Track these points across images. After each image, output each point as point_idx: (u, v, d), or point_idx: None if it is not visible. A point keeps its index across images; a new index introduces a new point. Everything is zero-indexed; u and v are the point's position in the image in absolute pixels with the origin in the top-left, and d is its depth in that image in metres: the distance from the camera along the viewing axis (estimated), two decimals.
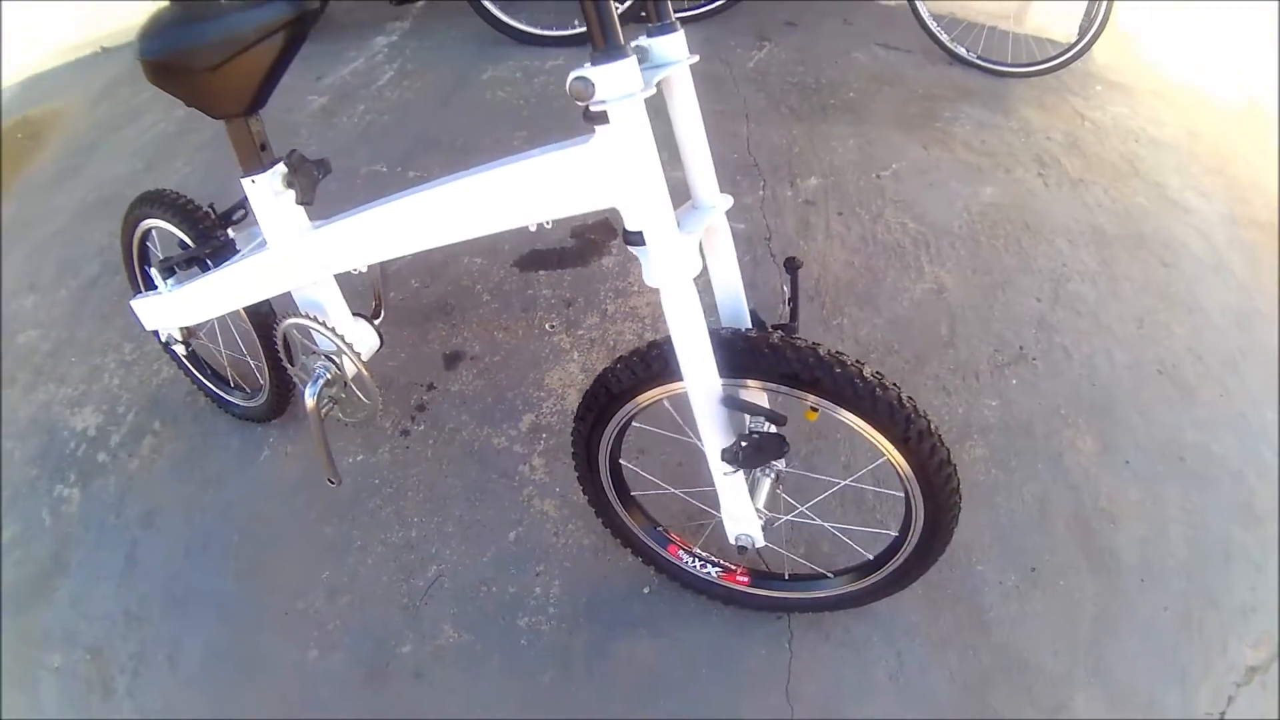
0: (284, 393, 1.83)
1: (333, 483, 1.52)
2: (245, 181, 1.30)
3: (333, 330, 1.39)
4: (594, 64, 0.81)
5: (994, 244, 2.01)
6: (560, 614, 1.45)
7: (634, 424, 1.20)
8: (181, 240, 1.62)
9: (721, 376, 1.00)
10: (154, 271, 1.64)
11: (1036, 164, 2.25)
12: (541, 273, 2.18)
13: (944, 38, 2.65)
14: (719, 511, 1.18)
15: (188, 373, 1.99)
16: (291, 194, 1.28)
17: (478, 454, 1.81)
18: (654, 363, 1.04)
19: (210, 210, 1.60)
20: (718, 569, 1.31)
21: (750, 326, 1.07)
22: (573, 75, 0.79)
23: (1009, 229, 2.06)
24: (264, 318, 1.62)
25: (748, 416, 1.05)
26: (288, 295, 1.45)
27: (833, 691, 1.25)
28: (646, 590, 1.43)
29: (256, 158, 1.27)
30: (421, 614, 1.53)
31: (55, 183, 2.96)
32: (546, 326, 2.07)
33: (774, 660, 1.29)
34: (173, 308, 1.64)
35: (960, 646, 1.30)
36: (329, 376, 1.42)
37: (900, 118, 2.42)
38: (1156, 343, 1.79)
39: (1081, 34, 2.44)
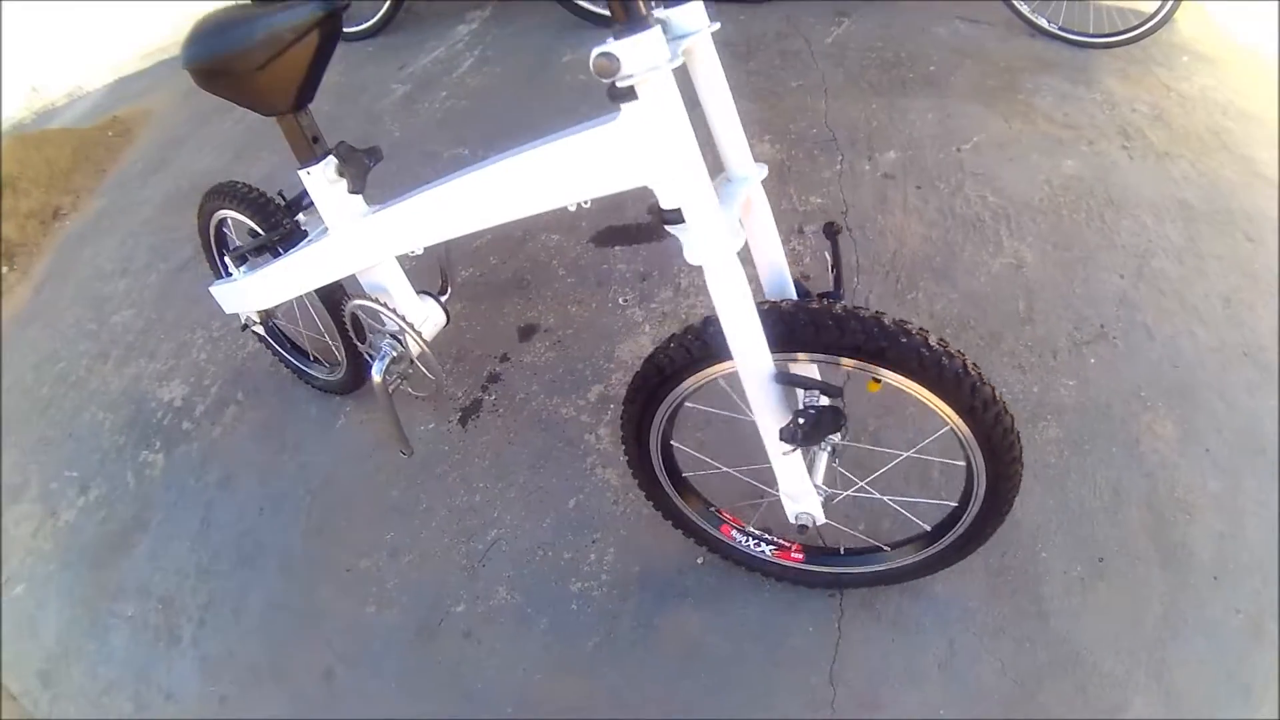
0: (360, 368, 1.95)
1: (405, 453, 1.65)
2: (302, 173, 1.41)
3: (394, 310, 1.51)
4: (617, 38, 0.81)
5: (1075, 218, 2.04)
6: (612, 581, 1.52)
7: (686, 404, 1.23)
8: (252, 229, 1.75)
9: (779, 351, 1.02)
10: (228, 259, 1.78)
11: (1120, 136, 2.29)
12: (618, 248, 2.28)
13: (1024, 9, 2.73)
14: (775, 489, 1.21)
15: (274, 351, 2.14)
16: (344, 183, 1.40)
17: (545, 423, 1.91)
18: (710, 341, 1.05)
19: (280, 198, 1.73)
20: (772, 546, 1.35)
21: (796, 298, 1.09)
22: (596, 51, 0.79)
23: (1091, 203, 2.09)
24: (335, 299, 1.73)
25: (802, 391, 1.08)
26: (356, 276, 1.57)
27: (878, 676, 1.26)
28: (700, 561, 1.50)
29: (309, 150, 1.40)
30: (478, 575, 1.63)
31: (145, 175, 3.23)
32: (620, 300, 2.15)
33: (821, 639, 1.31)
34: (247, 292, 1.77)
35: (1016, 637, 1.29)
36: (394, 354, 1.55)
37: (981, 90, 2.49)
38: (1242, 324, 1.77)
39: (1163, 2, 2.48)
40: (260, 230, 1.74)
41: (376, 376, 1.56)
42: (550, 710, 1.43)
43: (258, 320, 1.97)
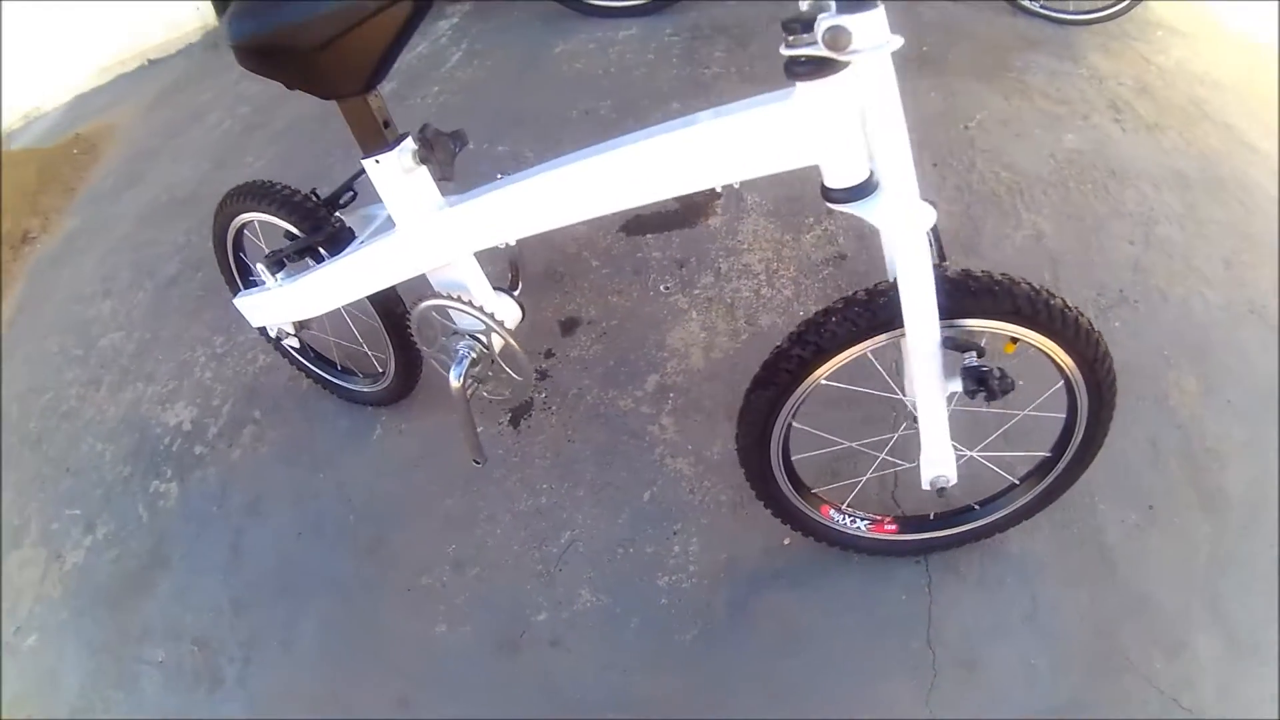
0: (410, 375, 1.82)
1: (478, 462, 1.54)
2: (367, 163, 1.27)
3: (480, 308, 1.39)
4: (846, 12, 0.80)
5: (1083, 190, 2.14)
6: (700, 571, 1.49)
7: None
8: (288, 231, 1.61)
9: (945, 318, 1.04)
10: (260, 266, 1.63)
11: (1111, 110, 2.41)
12: (649, 236, 2.21)
13: None
14: (898, 462, 1.25)
15: (300, 365, 2.00)
16: (421, 171, 1.28)
17: (604, 417, 1.83)
18: (878, 312, 1.05)
19: (314, 196, 1.59)
20: (867, 522, 1.36)
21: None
22: (827, 23, 0.79)
23: (1095, 175, 2.19)
24: (389, 303, 1.63)
25: (963, 356, 1.09)
26: (413, 277, 1.45)
27: (972, 634, 1.31)
28: (787, 541, 1.48)
29: (380, 136, 1.26)
30: (556, 581, 1.56)
31: (118, 191, 3.04)
32: (661, 288, 2.09)
33: (914, 605, 1.35)
34: (285, 302, 1.64)
35: (1089, 585, 1.36)
36: (474, 356, 1.44)
37: (977, 68, 2.58)
38: (1245, 284, 1.88)
39: None
40: (299, 232, 1.60)
41: (455, 381, 1.45)
42: (656, 709, 1.38)
43: (292, 332, 1.83)
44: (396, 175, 1.29)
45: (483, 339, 1.46)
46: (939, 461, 1.19)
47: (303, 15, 1.11)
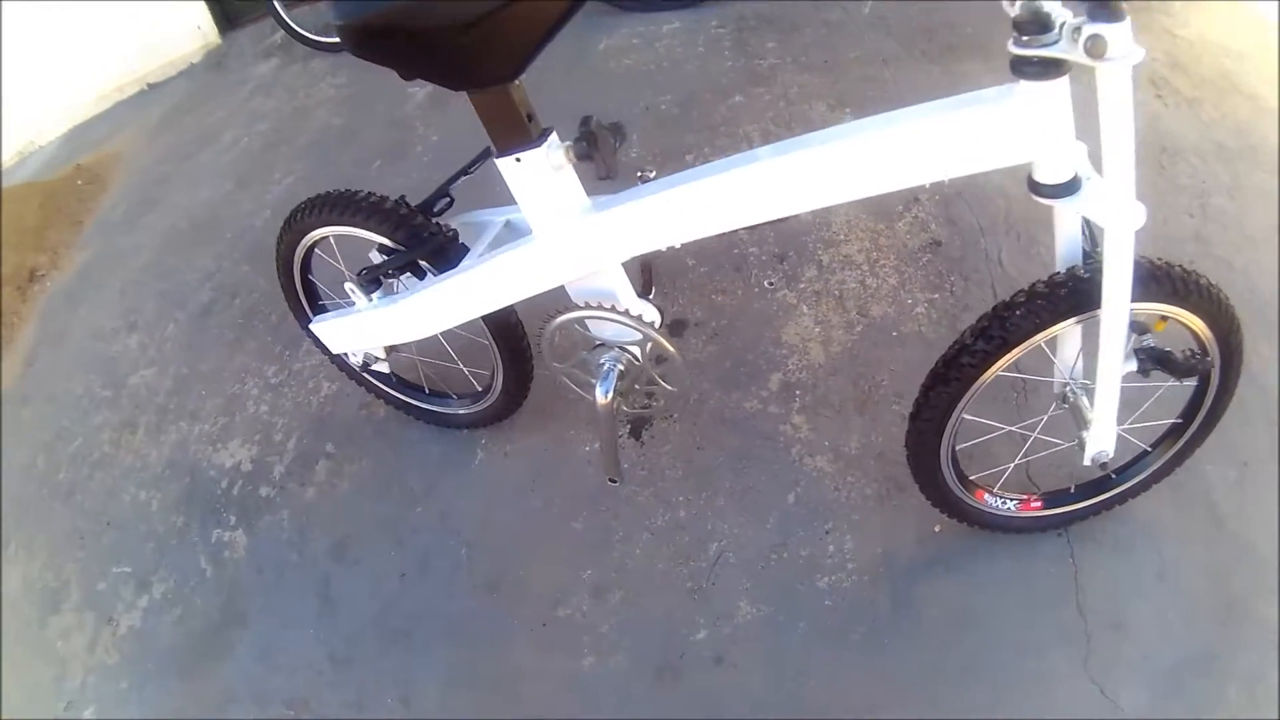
0: (519, 393, 1.67)
1: (614, 481, 1.43)
2: (505, 161, 1.13)
3: (638, 317, 1.26)
4: (1104, 21, 0.82)
5: (1141, 166, 2.17)
6: (859, 568, 1.45)
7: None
8: (382, 245, 1.44)
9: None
10: (350, 286, 1.47)
11: (1151, 85, 2.47)
12: (742, 232, 2.04)
13: None
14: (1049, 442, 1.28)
15: (379, 392, 1.82)
16: (567, 171, 1.14)
17: (731, 420, 1.70)
18: (1063, 302, 1.07)
19: (403, 203, 1.43)
20: (1015, 502, 1.38)
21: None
22: (1089, 31, 0.81)
23: (1148, 150, 2.20)
24: (503, 316, 1.48)
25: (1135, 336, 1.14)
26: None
27: (1115, 597, 1.35)
28: (937, 528, 1.46)
29: (524, 130, 1.11)
30: (710, 595, 1.47)
31: (131, 220, 2.83)
32: (765, 284, 1.95)
33: (1061, 576, 1.37)
34: (382, 325, 1.47)
35: (1203, 541, 1.40)
36: (622, 368, 1.32)
37: None
38: None
39: None
40: (395, 245, 1.42)
41: (604, 398, 1.30)
42: (837, 710, 1.33)
43: (383, 357, 1.64)
44: (541, 175, 1.14)
45: (633, 350, 1.32)
46: (1104, 438, 1.21)
47: None
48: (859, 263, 2.01)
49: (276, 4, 3.29)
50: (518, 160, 1.13)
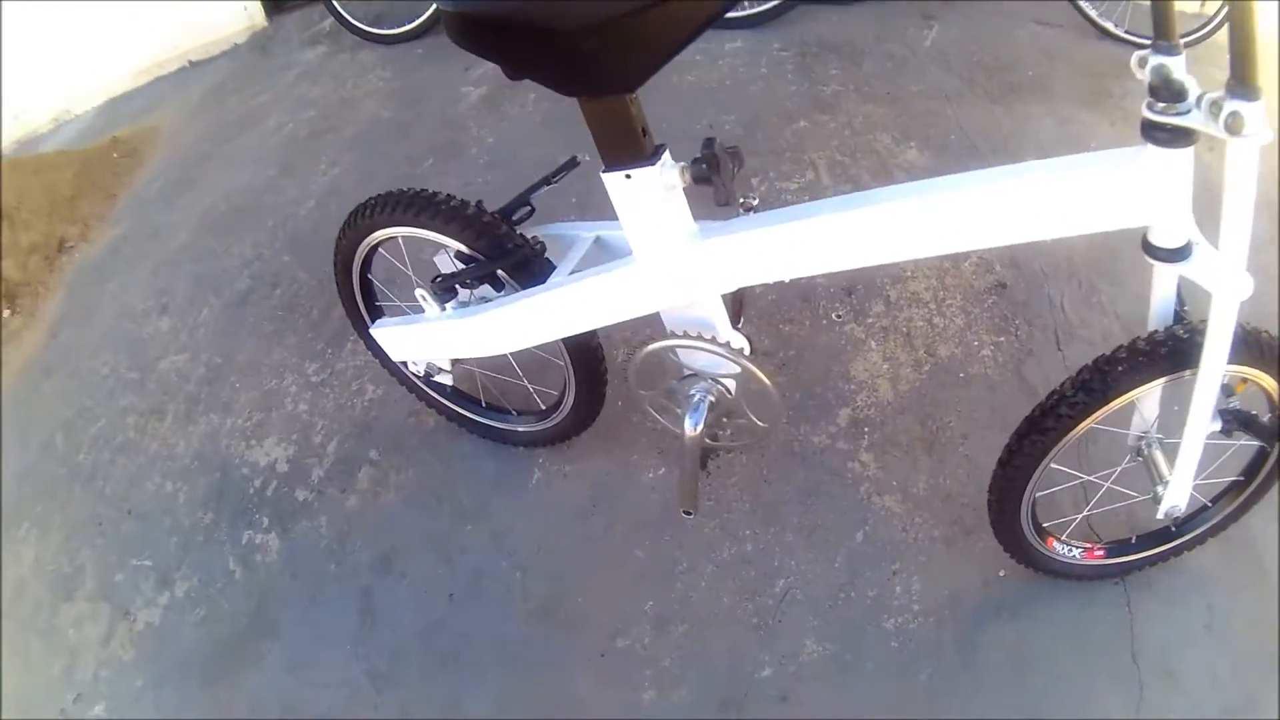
0: (589, 415, 1.61)
1: (689, 513, 1.38)
2: (613, 177, 1.06)
3: (739, 351, 1.22)
4: (1242, 99, 0.83)
5: (1199, 217, 2.17)
6: (925, 610, 1.44)
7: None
8: (460, 252, 1.37)
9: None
10: (422, 293, 1.40)
11: (1205, 138, 2.45)
12: None
13: (1093, 13, 2.92)
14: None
15: (432, 401, 1.76)
16: (678, 193, 1.09)
17: (799, 454, 1.66)
18: (1162, 360, 1.08)
19: (483, 209, 1.36)
20: (1080, 550, 1.41)
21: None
22: (1229, 108, 0.82)
23: (1203, 202, 2.20)
24: (584, 336, 1.42)
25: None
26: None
27: (1165, 646, 1.37)
28: (1002, 573, 1.46)
29: (638, 145, 1.04)
30: (776, 632, 1.44)
31: (168, 197, 2.76)
32: (833, 316, 1.91)
33: (1117, 624, 1.40)
34: (454, 337, 1.40)
35: (1250, 591, 1.43)
36: (713, 399, 1.27)
37: (1080, 95, 2.65)
38: None
39: (1221, 4, 2.72)
40: (474, 252, 1.35)
41: (693, 430, 1.25)
42: None
43: (447, 369, 1.58)
44: (651, 195, 1.08)
45: (725, 382, 1.27)
46: (1180, 494, 1.22)
47: None
48: (926, 300, 1.97)
49: None
50: (627, 177, 1.06)
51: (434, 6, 3.16)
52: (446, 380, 1.60)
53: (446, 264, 1.45)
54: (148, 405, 2.12)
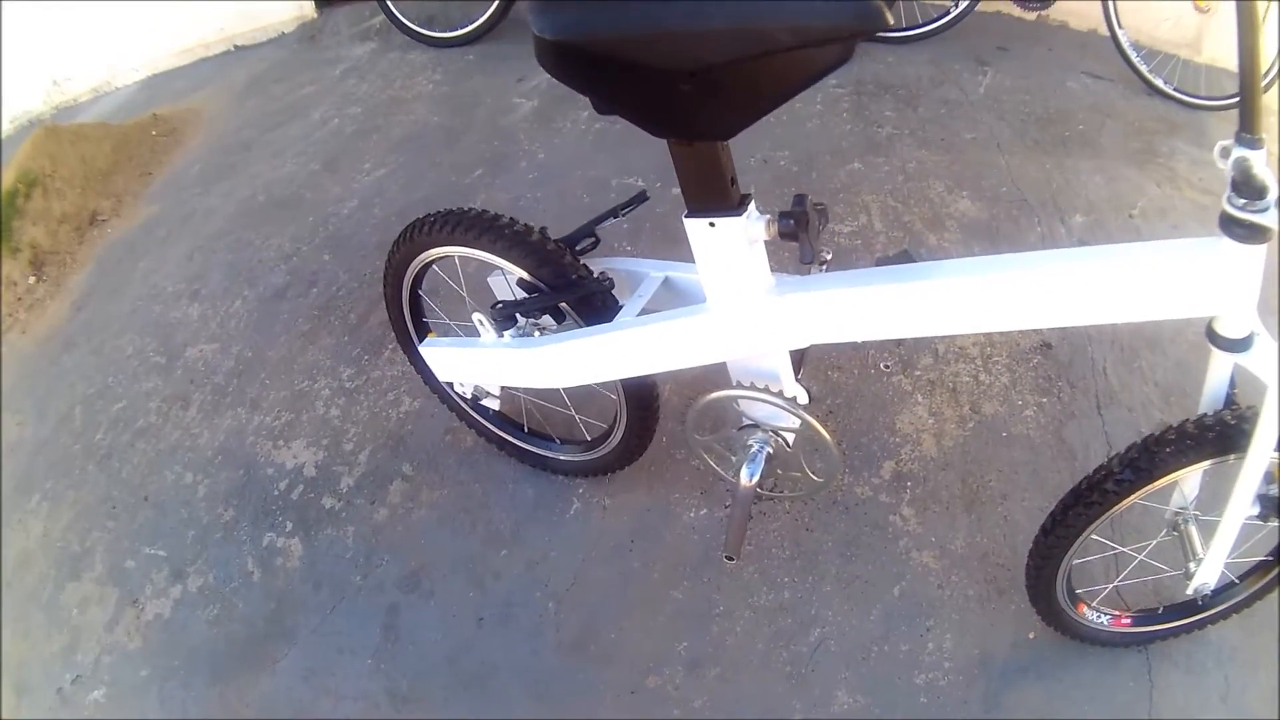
0: (637, 450, 1.59)
1: (731, 559, 1.36)
2: (696, 223, 1.04)
3: (804, 406, 1.20)
4: None
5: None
6: (955, 668, 1.46)
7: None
8: (522, 279, 1.34)
9: None
10: (479, 318, 1.37)
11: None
12: None
13: (1143, 69, 2.99)
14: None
15: (473, 422, 1.74)
16: (759, 245, 1.08)
17: (842, 504, 1.66)
18: (1209, 444, 1.10)
19: (548, 237, 1.32)
20: (1109, 617, 1.44)
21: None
22: None
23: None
24: (644, 382, 1.42)
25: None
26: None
27: (1183, 715, 1.41)
28: (1031, 635, 1.49)
29: (726, 194, 1.02)
30: (808, 682, 1.45)
31: (206, 182, 2.75)
32: (881, 366, 1.91)
33: (1139, 691, 1.43)
34: (510, 365, 1.37)
35: (1268, 668, 1.45)
36: (771, 451, 1.27)
37: (1127, 153, 2.72)
38: None
39: (1272, 67, 2.76)
40: (538, 281, 1.32)
41: (749, 481, 1.24)
42: None
43: (496, 394, 1.56)
44: (733, 245, 1.06)
45: (785, 435, 1.26)
46: (1212, 572, 1.24)
47: (691, 23, 0.82)
48: (973, 356, 1.97)
49: None
50: (711, 224, 1.05)
51: (490, 11, 3.17)
52: (493, 404, 1.58)
53: (501, 286, 1.42)
54: (172, 391, 2.09)
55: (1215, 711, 1.40)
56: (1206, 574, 1.25)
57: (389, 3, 3.25)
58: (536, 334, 1.37)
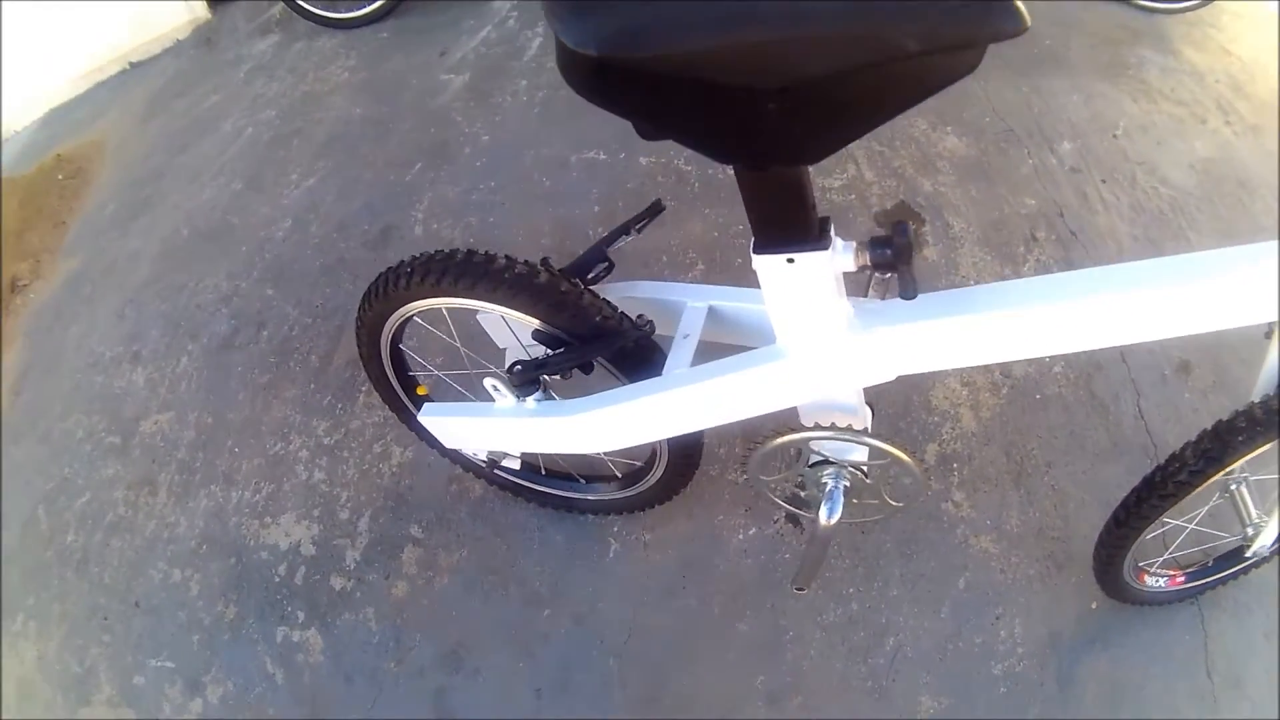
0: (678, 489, 1.42)
1: (799, 590, 1.26)
2: (769, 260, 0.85)
3: (888, 442, 1.07)
4: None
5: (1225, 203, 2.19)
6: (1028, 652, 1.42)
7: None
8: (539, 330, 1.10)
9: None
10: (492, 383, 1.15)
11: (1220, 112, 2.47)
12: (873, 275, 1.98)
13: None
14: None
15: (483, 473, 1.56)
16: (840, 277, 0.89)
17: None
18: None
19: (555, 271, 1.08)
20: (1165, 579, 1.44)
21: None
22: None
23: (1228, 186, 2.22)
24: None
25: None
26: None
27: (1234, 658, 1.41)
28: (1094, 605, 1.47)
29: (807, 225, 0.83)
30: (891, 693, 1.39)
31: (122, 223, 2.42)
32: None
33: (1194, 644, 1.43)
34: (530, 432, 1.16)
35: None
36: (847, 484, 1.13)
37: (1098, 67, 2.63)
38: None
39: None
40: (557, 330, 1.08)
41: (830, 520, 1.10)
42: None
43: (516, 454, 1.37)
44: (815, 281, 0.87)
45: (864, 469, 1.11)
46: (1271, 534, 1.24)
47: (788, 30, 0.61)
48: None
49: None
50: (789, 260, 0.85)
51: None
52: (513, 464, 1.36)
53: (496, 325, 1.20)
54: (135, 475, 1.84)
55: (1261, 649, 1.41)
56: (1267, 536, 1.24)
57: None
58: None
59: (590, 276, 1.12)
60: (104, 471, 1.87)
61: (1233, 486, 1.24)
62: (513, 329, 1.15)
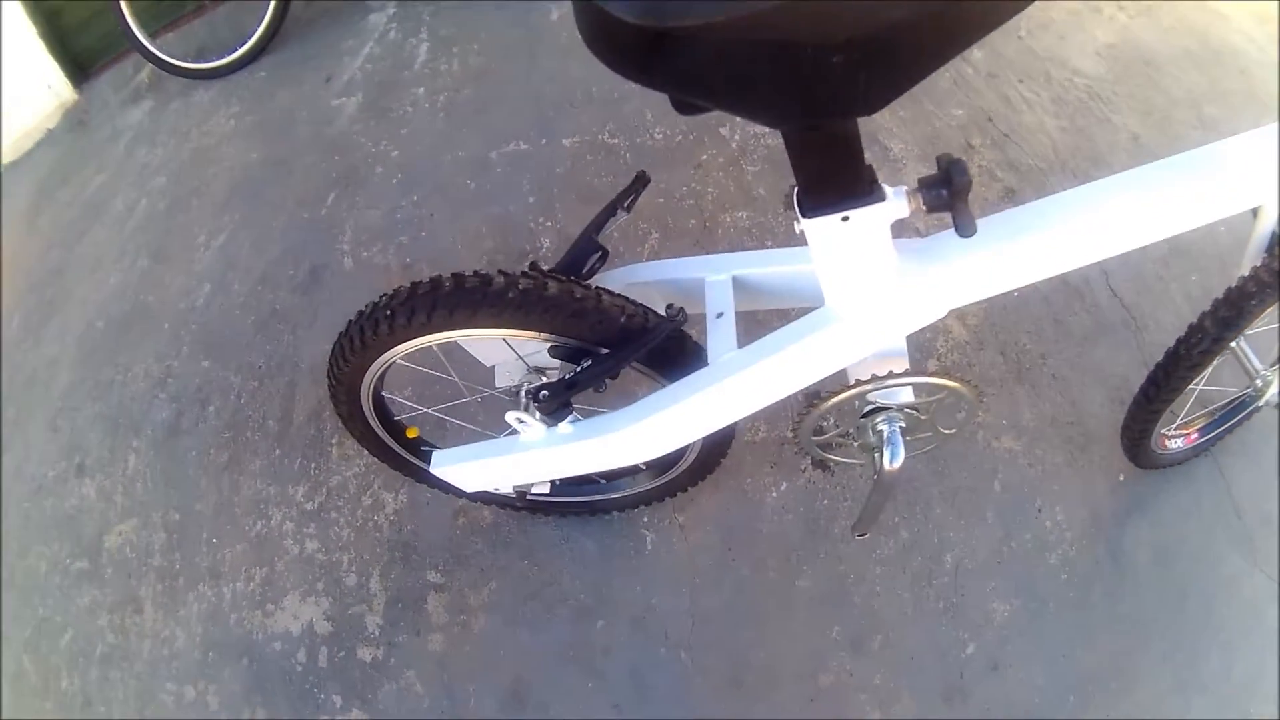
0: (714, 464, 1.33)
1: (860, 534, 1.24)
2: (822, 223, 0.80)
3: (943, 376, 1.03)
4: None
5: (1136, 83, 2.22)
6: (1075, 536, 1.44)
7: None
8: (556, 345, 1.01)
9: None
10: (516, 416, 1.03)
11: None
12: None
13: None
14: None
15: (486, 499, 1.45)
16: (885, 233, 0.84)
17: None
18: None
19: (544, 275, 0.96)
20: (1182, 439, 1.48)
21: None
22: None
23: (1136, 67, 2.24)
24: None
25: None
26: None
27: (1258, 495, 1.45)
28: (1121, 478, 1.49)
29: (860, 179, 0.80)
30: (963, 608, 1.40)
31: (31, 330, 2.21)
32: None
33: (1217, 492, 1.47)
34: (569, 458, 1.05)
35: None
36: (903, 425, 1.09)
37: None
38: None
39: None
40: (578, 341, 0.97)
41: (895, 464, 1.05)
42: (1109, 679, 1.36)
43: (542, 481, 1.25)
44: (870, 236, 0.83)
45: (917, 408, 1.06)
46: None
47: None
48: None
49: (139, 35, 2.64)
50: (845, 219, 0.80)
51: (268, 15, 2.64)
52: (543, 489, 1.23)
53: (483, 349, 1.07)
54: (115, 597, 1.67)
55: (1274, 483, 1.45)
56: (1277, 387, 1.26)
57: (149, 47, 2.64)
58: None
59: (586, 270, 1.02)
60: (80, 601, 1.69)
61: (1232, 345, 1.25)
62: (510, 343, 1.03)
